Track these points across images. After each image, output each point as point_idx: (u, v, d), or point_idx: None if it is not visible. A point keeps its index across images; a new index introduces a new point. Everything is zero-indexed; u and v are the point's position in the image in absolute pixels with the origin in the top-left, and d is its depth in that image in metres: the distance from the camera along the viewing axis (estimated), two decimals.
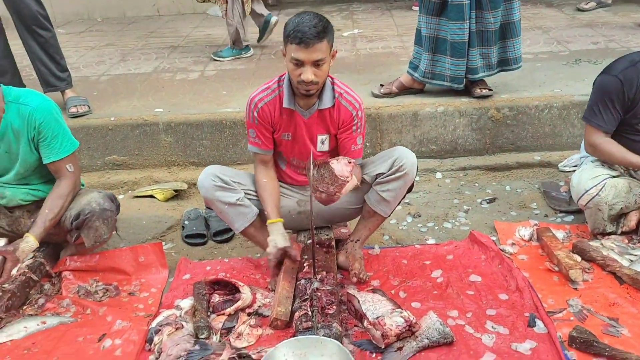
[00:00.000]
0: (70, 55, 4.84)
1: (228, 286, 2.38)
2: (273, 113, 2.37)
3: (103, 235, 2.51)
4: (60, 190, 2.47)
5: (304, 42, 2.14)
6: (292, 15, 2.26)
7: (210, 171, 2.39)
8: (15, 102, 2.41)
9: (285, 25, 2.23)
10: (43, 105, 2.43)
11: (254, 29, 4.96)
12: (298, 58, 2.18)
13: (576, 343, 1.98)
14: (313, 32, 2.14)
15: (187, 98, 3.79)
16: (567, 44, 4.46)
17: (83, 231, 2.48)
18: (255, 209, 2.45)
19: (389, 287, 2.41)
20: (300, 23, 2.16)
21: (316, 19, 2.17)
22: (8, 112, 2.39)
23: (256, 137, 2.42)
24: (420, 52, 3.47)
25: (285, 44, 2.23)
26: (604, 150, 2.59)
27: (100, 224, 2.48)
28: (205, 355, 1.99)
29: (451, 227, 2.89)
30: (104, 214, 2.48)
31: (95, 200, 2.49)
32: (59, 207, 2.44)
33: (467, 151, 3.52)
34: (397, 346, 2.02)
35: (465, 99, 3.48)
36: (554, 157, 3.43)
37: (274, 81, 2.39)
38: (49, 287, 2.53)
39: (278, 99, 2.36)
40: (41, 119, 2.40)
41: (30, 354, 2.14)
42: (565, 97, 3.45)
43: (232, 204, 2.38)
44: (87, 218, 2.45)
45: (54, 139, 2.44)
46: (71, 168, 2.50)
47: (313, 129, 2.41)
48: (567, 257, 2.40)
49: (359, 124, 2.39)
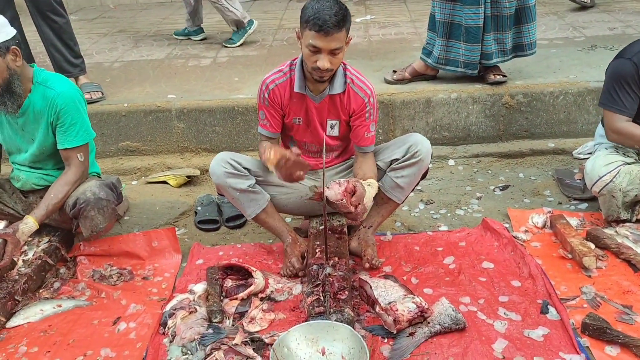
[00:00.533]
0: (83, 41, 4.85)
1: (241, 271, 2.39)
2: (283, 95, 2.38)
3: (99, 225, 2.48)
4: (67, 178, 2.49)
5: (324, 30, 2.11)
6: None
7: (222, 157, 2.40)
8: (42, 84, 2.44)
9: (303, 8, 2.20)
10: (67, 92, 2.45)
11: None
12: (316, 45, 2.15)
13: (589, 330, 1.97)
14: (333, 21, 2.10)
15: (199, 84, 3.79)
16: (583, 30, 4.40)
17: (80, 220, 2.48)
18: (267, 195, 2.46)
19: (401, 273, 2.41)
20: (321, 10, 2.11)
21: (336, 7, 2.13)
22: (34, 93, 2.44)
23: (265, 119, 2.43)
24: (433, 37, 3.44)
25: (303, 28, 2.20)
26: (630, 133, 2.52)
27: (96, 214, 2.46)
28: (218, 338, 2.01)
29: (464, 214, 2.88)
30: (99, 203, 2.46)
31: (91, 189, 2.48)
32: (63, 193, 2.46)
33: (480, 138, 3.49)
34: (409, 332, 2.03)
35: (478, 85, 3.45)
36: (568, 145, 3.40)
37: (286, 64, 2.39)
38: (64, 271, 2.57)
39: (289, 82, 2.36)
40: (62, 104, 2.43)
41: (46, 336, 2.17)
42: (580, 84, 3.41)
43: (244, 190, 2.39)
44: (82, 207, 2.45)
45: (71, 126, 2.47)
46: (82, 157, 2.51)
47: (323, 114, 2.41)
48: (581, 245, 2.38)
49: (371, 110, 2.38)
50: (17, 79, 2.36)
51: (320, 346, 1.96)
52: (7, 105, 2.39)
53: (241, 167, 2.40)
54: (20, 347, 2.11)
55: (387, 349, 1.98)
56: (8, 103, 2.38)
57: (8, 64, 2.32)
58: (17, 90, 2.37)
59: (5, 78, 2.32)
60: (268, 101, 2.39)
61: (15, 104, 2.40)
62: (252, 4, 6.16)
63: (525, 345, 1.96)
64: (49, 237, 2.62)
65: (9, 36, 2.32)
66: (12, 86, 2.35)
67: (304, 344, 1.96)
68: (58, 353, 2.07)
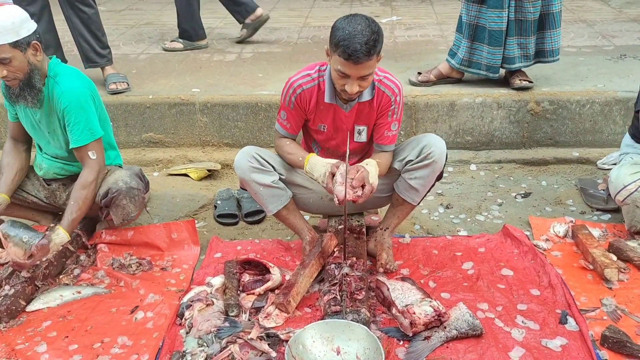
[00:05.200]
0: (110, 32, 4.88)
1: (258, 266, 2.40)
2: (310, 102, 2.34)
3: (130, 213, 2.53)
4: (82, 181, 2.46)
5: (353, 60, 2.04)
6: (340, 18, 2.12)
7: (248, 152, 2.38)
8: (53, 78, 2.44)
9: (333, 27, 2.11)
10: (71, 90, 2.42)
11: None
12: (344, 72, 2.10)
13: (609, 343, 1.94)
14: (364, 50, 2.02)
15: (223, 79, 3.81)
16: (612, 39, 4.34)
17: (111, 209, 2.52)
18: (290, 192, 2.45)
19: (418, 276, 2.40)
20: (352, 36, 2.02)
21: (368, 31, 2.03)
22: (47, 87, 2.45)
23: (286, 120, 2.39)
24: (460, 39, 3.42)
25: (332, 49, 2.12)
26: None
27: (128, 202, 2.50)
28: (234, 332, 2.02)
29: (484, 219, 2.86)
30: (131, 192, 2.50)
31: (122, 179, 2.51)
32: (82, 198, 2.43)
33: (504, 144, 3.46)
34: (425, 335, 2.02)
35: (504, 90, 3.42)
36: (592, 154, 3.36)
37: (314, 69, 2.33)
38: (84, 258, 2.60)
39: (317, 88, 2.32)
40: (65, 103, 2.41)
41: (65, 321, 2.20)
42: (608, 93, 3.36)
43: (268, 185, 2.38)
44: (114, 196, 2.48)
45: (75, 125, 2.44)
46: (93, 155, 2.48)
47: (352, 121, 2.39)
48: (603, 256, 2.35)
49: (395, 109, 2.35)
50: (37, 73, 2.37)
51: (336, 345, 1.95)
52: (28, 100, 2.40)
53: (266, 163, 2.39)
54: (39, 330, 2.15)
55: (403, 352, 1.98)
56: (28, 97, 2.39)
57: (29, 58, 2.32)
58: (37, 84, 2.38)
59: (26, 72, 2.34)
60: (294, 104, 2.34)
61: (35, 98, 2.40)
62: (278, 1, 6.17)
63: (543, 355, 1.94)
64: None
65: (30, 31, 2.32)
66: (32, 81, 2.36)
67: (319, 342, 1.96)
68: (76, 339, 2.10)
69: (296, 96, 2.33)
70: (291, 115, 2.39)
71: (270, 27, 4.88)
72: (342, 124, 2.38)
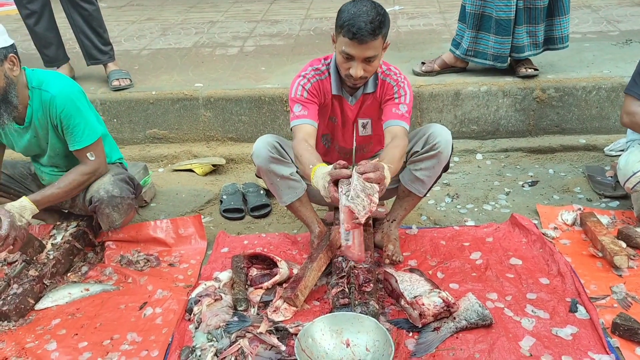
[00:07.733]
0: (112, 29, 4.89)
1: (266, 260, 2.40)
2: (322, 92, 2.31)
3: (115, 221, 2.48)
4: (79, 169, 2.43)
5: (358, 38, 2.03)
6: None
7: (268, 141, 2.31)
8: (37, 88, 2.34)
9: (339, 11, 2.11)
10: (63, 92, 2.34)
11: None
12: (349, 53, 2.09)
13: (619, 330, 1.93)
14: (369, 29, 2.01)
15: (226, 73, 3.79)
16: (618, 24, 4.29)
17: (97, 216, 2.50)
18: (304, 184, 2.42)
19: (426, 267, 2.39)
20: (357, 16, 2.02)
21: (374, 12, 2.04)
22: (32, 99, 2.35)
23: (302, 109, 2.25)
24: (463, 29, 3.39)
25: (337, 32, 2.12)
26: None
27: (111, 211, 2.45)
28: (243, 326, 2.02)
29: (491, 209, 2.84)
30: (113, 200, 2.44)
31: (104, 187, 2.45)
32: (68, 181, 2.40)
33: (510, 132, 3.44)
34: (434, 326, 2.01)
35: (509, 78, 3.39)
36: (599, 141, 3.33)
37: (321, 63, 2.31)
38: (92, 255, 2.60)
39: (327, 82, 2.30)
40: (61, 107, 2.33)
41: (74, 319, 2.20)
42: (614, 79, 3.33)
43: (285, 177, 2.34)
44: (96, 205, 2.45)
45: (74, 127, 2.38)
46: (92, 156, 2.44)
47: (357, 114, 2.37)
48: (612, 243, 2.33)
49: (400, 92, 2.28)
50: (13, 88, 2.25)
51: (345, 337, 1.95)
52: (3, 116, 2.26)
53: (286, 154, 2.34)
54: (49, 328, 2.15)
55: (412, 343, 1.97)
56: (4, 114, 2.26)
57: (5, 72, 2.20)
58: (14, 100, 2.26)
59: (2, 87, 2.21)
60: (308, 92, 2.26)
61: (10, 114, 2.27)
62: None
63: (554, 344, 1.93)
64: (78, 221, 2.65)
65: (7, 44, 2.21)
66: (8, 96, 2.24)
67: (329, 335, 1.95)
68: (85, 336, 2.10)
69: (310, 84, 2.28)
70: (308, 101, 2.27)
71: (272, 20, 4.86)
72: (347, 116, 2.37)
